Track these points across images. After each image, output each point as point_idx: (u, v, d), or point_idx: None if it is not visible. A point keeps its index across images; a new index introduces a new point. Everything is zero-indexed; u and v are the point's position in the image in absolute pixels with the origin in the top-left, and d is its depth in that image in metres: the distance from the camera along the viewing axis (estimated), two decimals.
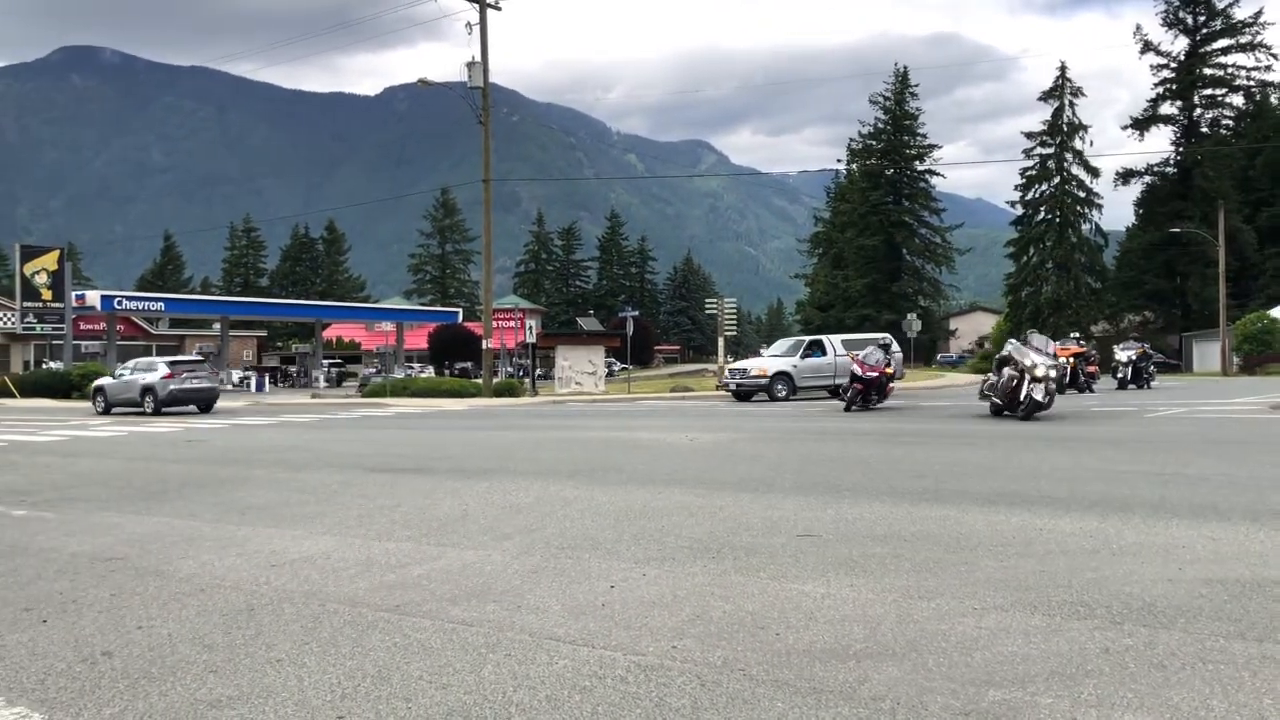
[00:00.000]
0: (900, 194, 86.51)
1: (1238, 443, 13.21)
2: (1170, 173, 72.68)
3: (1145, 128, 73.56)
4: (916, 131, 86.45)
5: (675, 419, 21.50)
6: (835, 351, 31.13)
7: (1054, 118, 73.64)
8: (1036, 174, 74.27)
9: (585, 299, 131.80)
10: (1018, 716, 3.45)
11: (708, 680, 3.94)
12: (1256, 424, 16.58)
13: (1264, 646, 4.16)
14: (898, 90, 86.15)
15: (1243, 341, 54.36)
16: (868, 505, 8.17)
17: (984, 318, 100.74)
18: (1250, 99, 75.84)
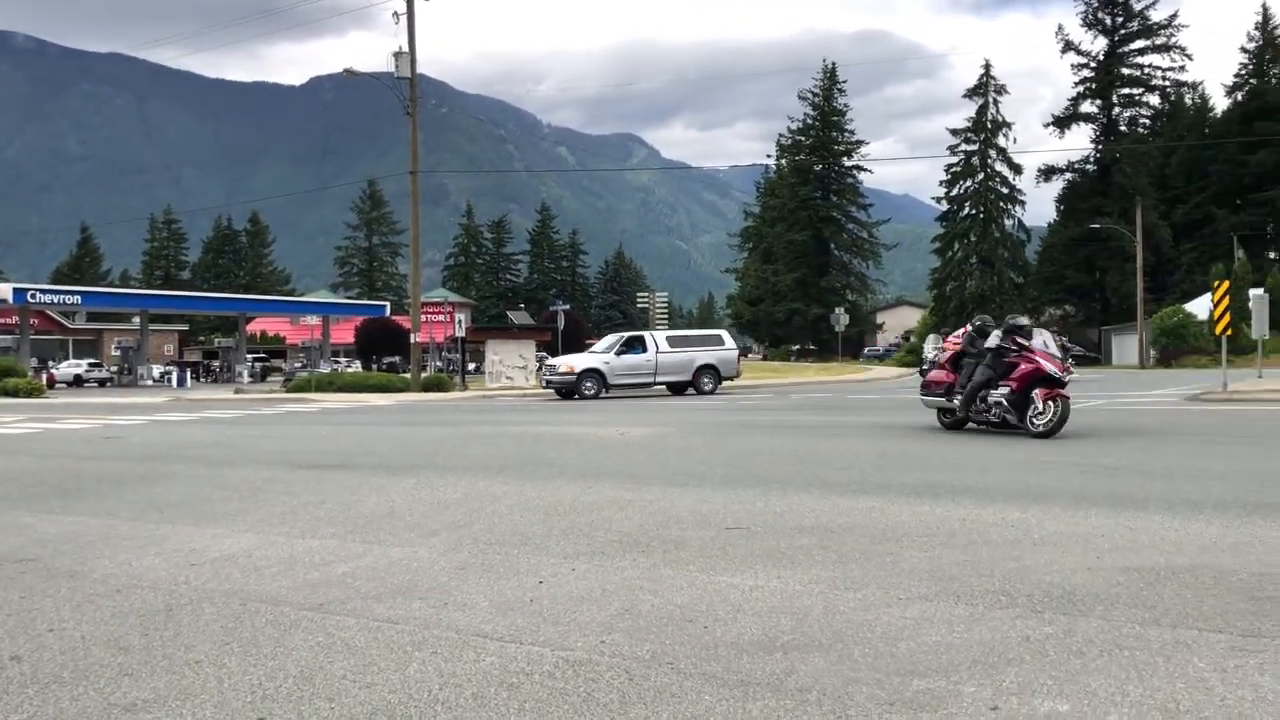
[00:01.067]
0: (829, 189, 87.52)
1: (1154, 434, 13.58)
2: (1090, 170, 74.55)
3: (1066, 125, 75.33)
4: (844, 128, 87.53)
5: (605, 413, 21.49)
6: (657, 348, 30.24)
7: (978, 115, 75.08)
8: (961, 170, 75.67)
9: (516, 293, 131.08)
10: (941, 706, 3.49)
11: (636, 674, 3.92)
12: (1172, 415, 17.07)
13: (1177, 633, 4.27)
14: (826, 87, 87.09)
15: (1159, 335, 55.93)
16: (796, 497, 8.24)
17: (910, 312, 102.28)
18: (1166, 99, 78.07)
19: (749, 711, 3.50)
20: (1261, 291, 26.92)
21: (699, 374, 29.50)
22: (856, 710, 3.48)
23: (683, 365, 29.72)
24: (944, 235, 77.19)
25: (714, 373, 29.67)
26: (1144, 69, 74.53)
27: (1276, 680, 3.65)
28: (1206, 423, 15.37)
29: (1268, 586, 4.96)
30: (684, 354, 29.97)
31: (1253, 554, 5.71)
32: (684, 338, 31.58)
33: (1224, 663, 3.86)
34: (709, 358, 29.98)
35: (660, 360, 29.77)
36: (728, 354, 30.20)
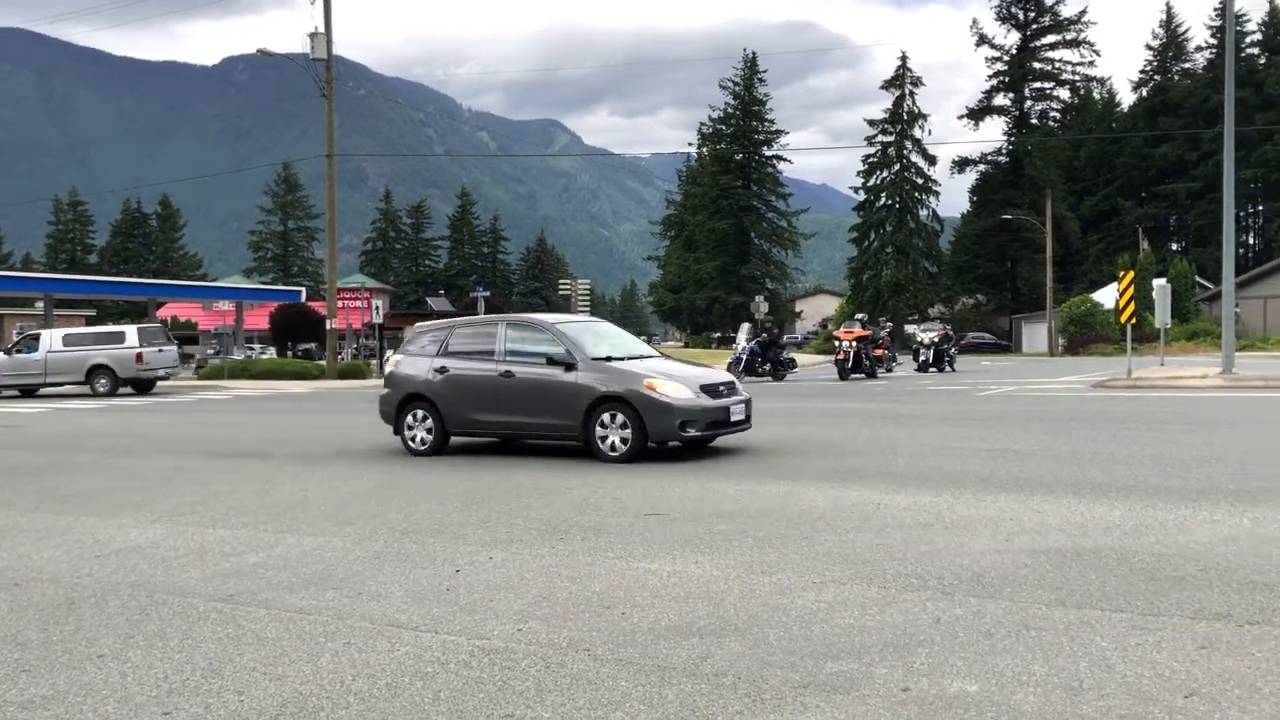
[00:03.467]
0: (749, 178, 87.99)
1: (1062, 419, 13.94)
2: (1002, 162, 76.04)
3: (980, 118, 76.72)
4: (765, 117, 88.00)
5: None
6: (49, 348, 28.03)
7: (895, 107, 76.04)
8: (878, 161, 76.59)
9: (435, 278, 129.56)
10: (854, 687, 3.54)
11: (553, 662, 3.91)
12: (1079, 402, 17.53)
13: (1082, 613, 4.39)
14: (747, 76, 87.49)
15: (1068, 323, 57.40)
16: (714, 483, 8.29)
17: (827, 300, 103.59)
18: (1075, 93, 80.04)
19: (665, 696, 3.51)
20: (1164, 282, 27.75)
21: (91, 375, 27.56)
22: (771, 693, 3.51)
23: (75, 365, 27.75)
24: (861, 225, 78.10)
25: (110, 374, 27.49)
26: (1055, 63, 76.20)
27: (1173, 657, 3.78)
28: (1111, 409, 15.84)
29: (1166, 567, 5.12)
30: (77, 353, 27.92)
31: (1153, 536, 5.90)
32: (82, 336, 29.31)
33: (1125, 641, 3.98)
34: (102, 357, 27.71)
35: (50, 359, 27.78)
36: (123, 353, 28.00)
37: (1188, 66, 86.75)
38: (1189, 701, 3.34)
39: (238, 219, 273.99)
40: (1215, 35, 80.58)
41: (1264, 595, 4.57)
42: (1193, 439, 10.99)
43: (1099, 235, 79.93)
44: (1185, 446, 10.26)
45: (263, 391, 28.75)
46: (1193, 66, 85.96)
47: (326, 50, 34.88)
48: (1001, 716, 3.25)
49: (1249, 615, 4.29)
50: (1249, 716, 3.21)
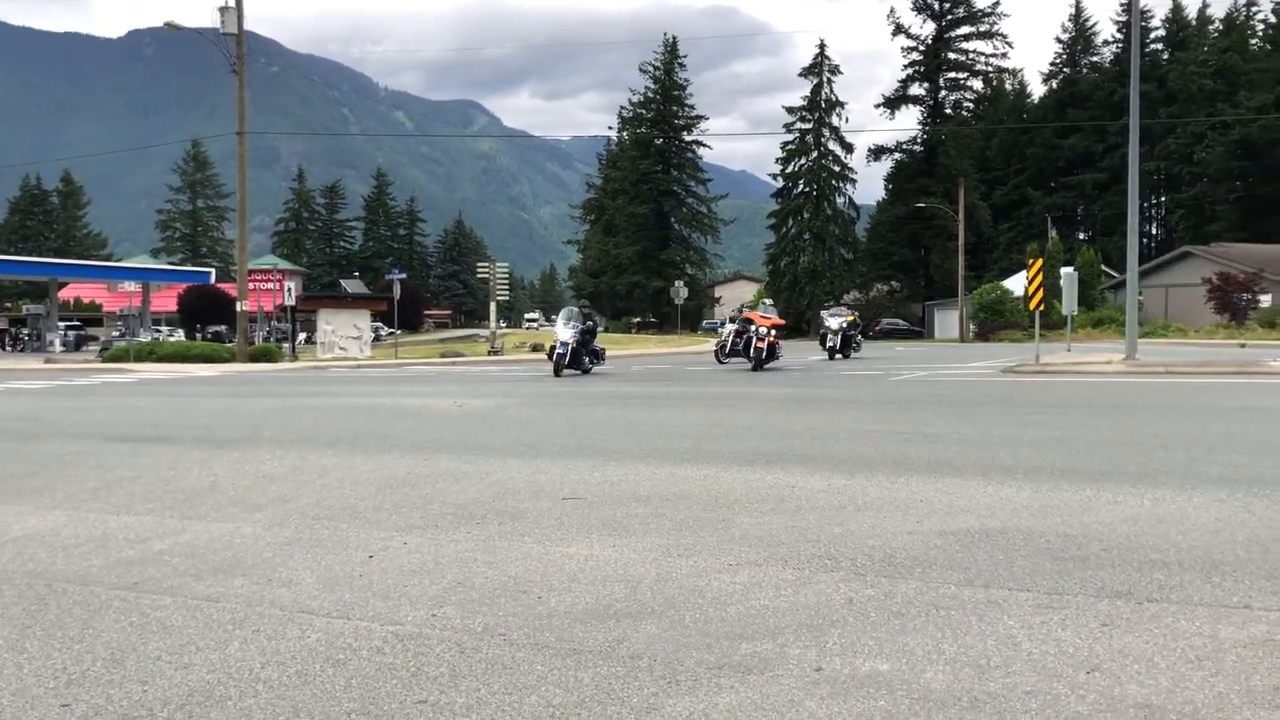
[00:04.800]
0: (669, 164, 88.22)
1: (971, 403, 14.25)
2: (917, 150, 77.41)
3: (896, 107, 78.00)
4: (685, 102, 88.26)
5: (444, 384, 21.18)
6: None
7: (813, 94, 76.86)
8: (796, 148, 77.40)
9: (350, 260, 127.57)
10: (768, 668, 3.57)
11: (467, 647, 3.88)
12: (989, 386, 17.95)
13: (989, 592, 4.48)
14: (667, 61, 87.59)
15: (979, 310, 58.71)
16: (633, 467, 8.29)
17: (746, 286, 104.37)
18: (988, 84, 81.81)
19: (580, 680, 3.50)
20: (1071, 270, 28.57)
21: None
22: (686, 674, 3.52)
23: None
24: (779, 212, 78.89)
25: None
26: (969, 54, 77.75)
27: (1077, 634, 3.88)
28: (1020, 394, 16.25)
29: (1071, 547, 5.26)
30: None
31: (1058, 516, 6.05)
32: None
33: (1031, 620, 4.08)
34: None
35: None
36: None
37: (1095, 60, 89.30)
38: (1091, 677, 3.43)
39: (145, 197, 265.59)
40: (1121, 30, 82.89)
41: (1162, 574, 4.73)
42: (1097, 423, 11.32)
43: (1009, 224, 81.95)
44: (1090, 430, 10.56)
45: (170, 375, 28.03)
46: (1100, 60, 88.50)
47: (237, 25, 34.01)
48: (911, 694, 3.30)
49: (1148, 593, 4.43)
50: (1146, 690, 3.31)
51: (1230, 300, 51.09)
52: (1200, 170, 78.26)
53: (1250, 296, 50.73)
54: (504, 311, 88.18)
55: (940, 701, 3.24)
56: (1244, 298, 50.72)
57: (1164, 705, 3.18)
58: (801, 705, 3.24)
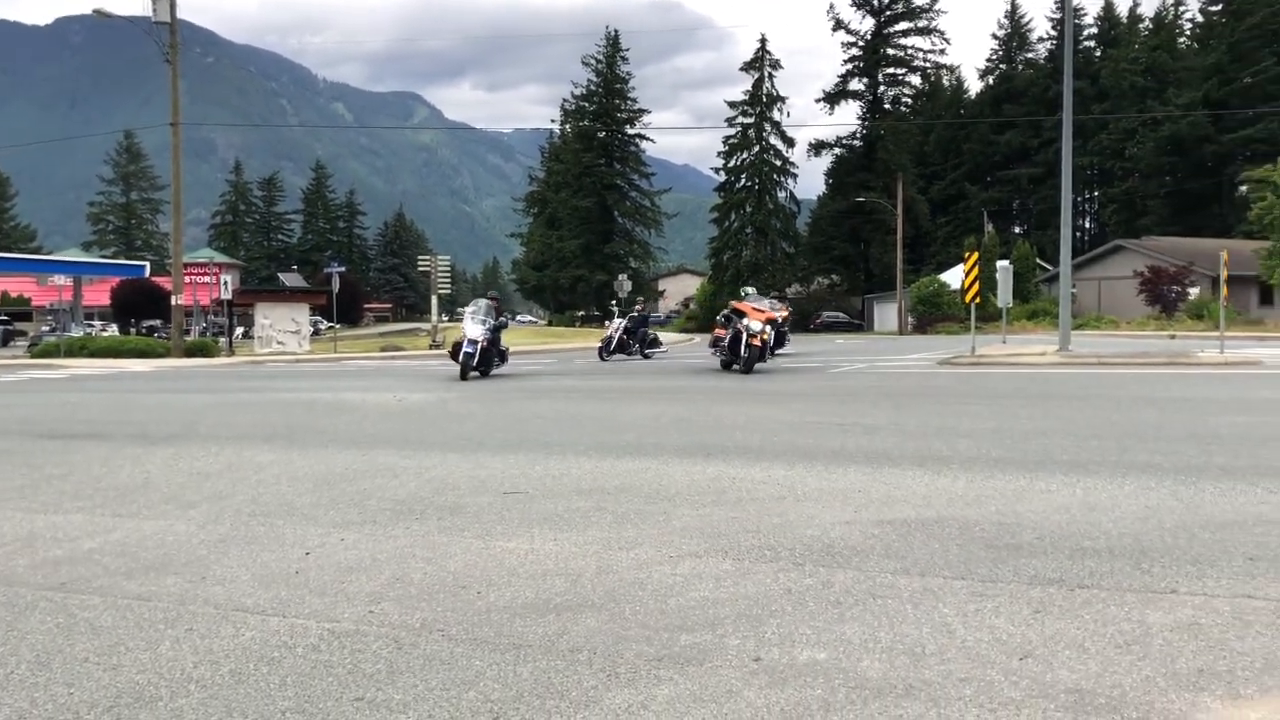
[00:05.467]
0: (612, 157, 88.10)
1: (909, 395, 14.42)
2: (857, 145, 78.07)
3: (836, 102, 78.59)
4: (628, 95, 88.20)
5: (384, 379, 20.97)
6: None
7: (754, 89, 77.16)
8: (738, 142, 77.67)
9: (289, 254, 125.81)
10: (707, 659, 3.58)
11: (405, 643, 3.84)
12: (926, 378, 18.18)
13: (925, 580, 4.54)
14: (609, 54, 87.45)
15: (917, 303, 59.46)
16: (574, 460, 8.28)
17: (690, 279, 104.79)
18: (926, 79, 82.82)
19: (520, 674, 3.49)
20: (1007, 263, 29.01)
21: None
22: (626, 667, 3.52)
23: None
24: (721, 205, 79.14)
25: None
26: (907, 50, 78.53)
27: (1010, 621, 3.95)
28: (956, 385, 16.48)
29: (1005, 536, 5.35)
30: None
31: (993, 505, 6.15)
32: None
33: (965, 607, 4.14)
34: None
35: None
36: None
37: (1031, 57, 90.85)
38: (1024, 663, 3.49)
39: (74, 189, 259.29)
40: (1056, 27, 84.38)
41: (1093, 561, 4.82)
42: (1031, 413, 11.51)
43: (947, 218, 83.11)
44: (1024, 420, 10.75)
45: (102, 370, 27.43)
46: (1035, 57, 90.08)
47: (170, 13, 33.33)
48: (848, 682, 3.34)
49: (1079, 580, 4.51)
50: (1076, 674, 3.37)
51: (1160, 293, 52.27)
52: (1132, 165, 79.96)
53: (1180, 289, 51.95)
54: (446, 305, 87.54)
55: (876, 689, 3.28)
56: (1174, 290, 51.93)
57: (1093, 689, 3.25)
58: (740, 695, 3.26)
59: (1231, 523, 5.58)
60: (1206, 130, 72.75)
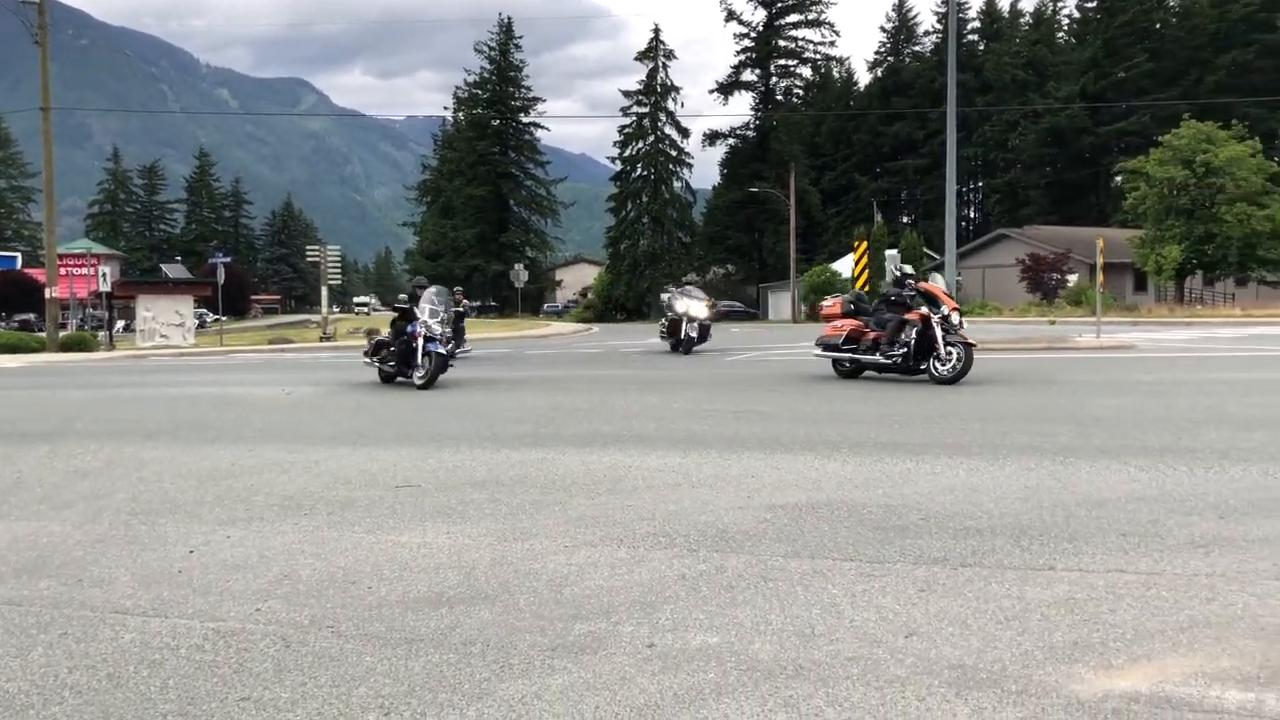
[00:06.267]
0: (507, 145, 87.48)
1: (802, 382, 14.65)
2: (750, 136, 78.93)
3: (729, 93, 79.31)
4: (521, 84, 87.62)
5: (273, 372, 20.47)
6: None
7: (649, 79, 77.30)
8: (633, 132, 77.77)
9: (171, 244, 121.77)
10: (601, 647, 3.59)
11: (293, 641, 3.76)
12: (818, 364, 18.49)
13: (815, 563, 4.63)
14: (502, 41, 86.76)
15: (810, 291, 60.42)
16: (469, 452, 8.20)
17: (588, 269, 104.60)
18: (817, 71, 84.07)
19: (411, 668, 3.45)
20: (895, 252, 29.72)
21: None
22: (520, 658, 3.51)
23: None
24: (618, 195, 79.19)
25: None
26: (798, 42, 79.59)
27: (896, 600, 4.05)
28: None
29: (892, 517, 5.48)
30: None
31: (880, 489, 6.30)
32: None
33: (854, 588, 4.23)
34: None
35: None
36: None
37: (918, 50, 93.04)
38: (909, 641, 3.58)
39: None
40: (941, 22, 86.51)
41: (975, 540, 4.97)
42: (917, 398, 11.81)
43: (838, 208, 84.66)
44: (911, 405, 11.02)
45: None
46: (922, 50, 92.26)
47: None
48: (740, 665, 3.38)
49: (962, 558, 4.65)
50: (960, 651, 3.47)
51: (1041, 280, 54.14)
52: (1014, 157, 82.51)
53: (1059, 276, 53.87)
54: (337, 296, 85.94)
55: (767, 671, 3.33)
56: (1053, 277, 53.83)
57: (975, 665, 3.35)
58: (633, 682, 3.27)
59: (1106, 500, 5.81)
60: (1084, 123, 75.49)
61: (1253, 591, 4.06)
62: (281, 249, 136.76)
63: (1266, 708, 2.97)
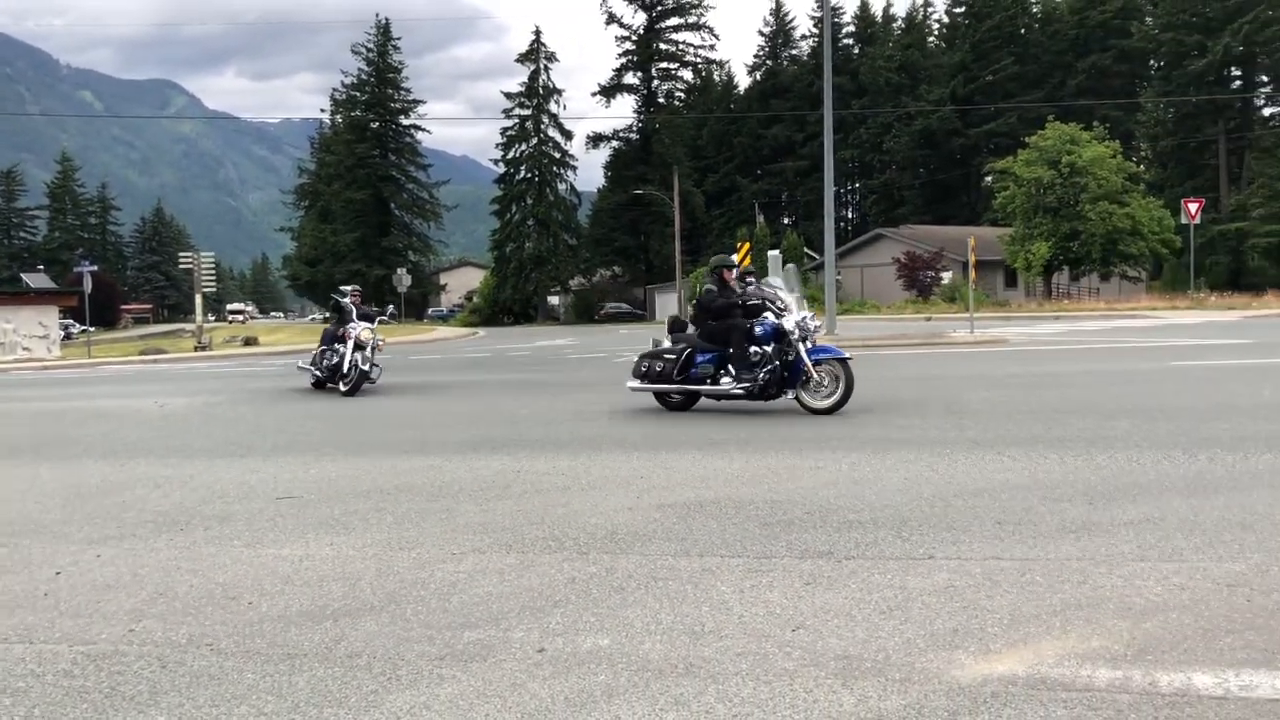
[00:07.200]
0: (387, 148, 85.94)
1: None
2: (634, 139, 79.14)
3: (612, 95, 79.37)
4: (401, 85, 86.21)
5: (144, 384, 19.72)
6: None
7: (531, 81, 76.92)
8: (516, 134, 77.28)
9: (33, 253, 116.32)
10: (491, 654, 3.55)
11: (170, 661, 3.62)
12: None
13: (704, 561, 4.67)
14: (380, 42, 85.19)
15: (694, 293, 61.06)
16: (353, 462, 8.04)
17: (473, 272, 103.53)
18: (698, 74, 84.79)
19: (295, 684, 3.36)
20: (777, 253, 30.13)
21: None
22: (407, 668, 3.45)
23: None
24: (502, 197, 78.55)
25: None
26: (679, 45, 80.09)
27: (783, 595, 4.10)
28: None
29: (778, 513, 5.56)
30: None
31: (766, 485, 6.39)
32: None
33: (742, 584, 4.28)
34: None
35: None
36: None
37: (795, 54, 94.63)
38: (796, 634, 3.64)
39: None
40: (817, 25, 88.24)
41: (859, 532, 5.08)
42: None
43: (721, 210, 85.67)
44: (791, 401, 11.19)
45: None
46: (799, 54, 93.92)
47: None
48: (631, 666, 3.38)
49: (847, 551, 4.75)
50: (845, 641, 3.54)
51: (917, 278, 55.68)
52: (889, 158, 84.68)
53: (934, 274, 55.48)
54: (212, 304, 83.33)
55: (658, 670, 3.34)
56: (928, 275, 55.41)
57: (860, 655, 3.42)
58: (524, 687, 3.25)
59: (982, 490, 6.00)
60: (955, 125, 77.91)
61: (1120, 573, 4.24)
62: (153, 256, 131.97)
63: (1133, 683, 3.11)
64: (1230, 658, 3.29)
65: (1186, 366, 14.84)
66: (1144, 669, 3.21)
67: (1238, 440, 7.46)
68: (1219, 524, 5.01)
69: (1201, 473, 6.36)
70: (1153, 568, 4.31)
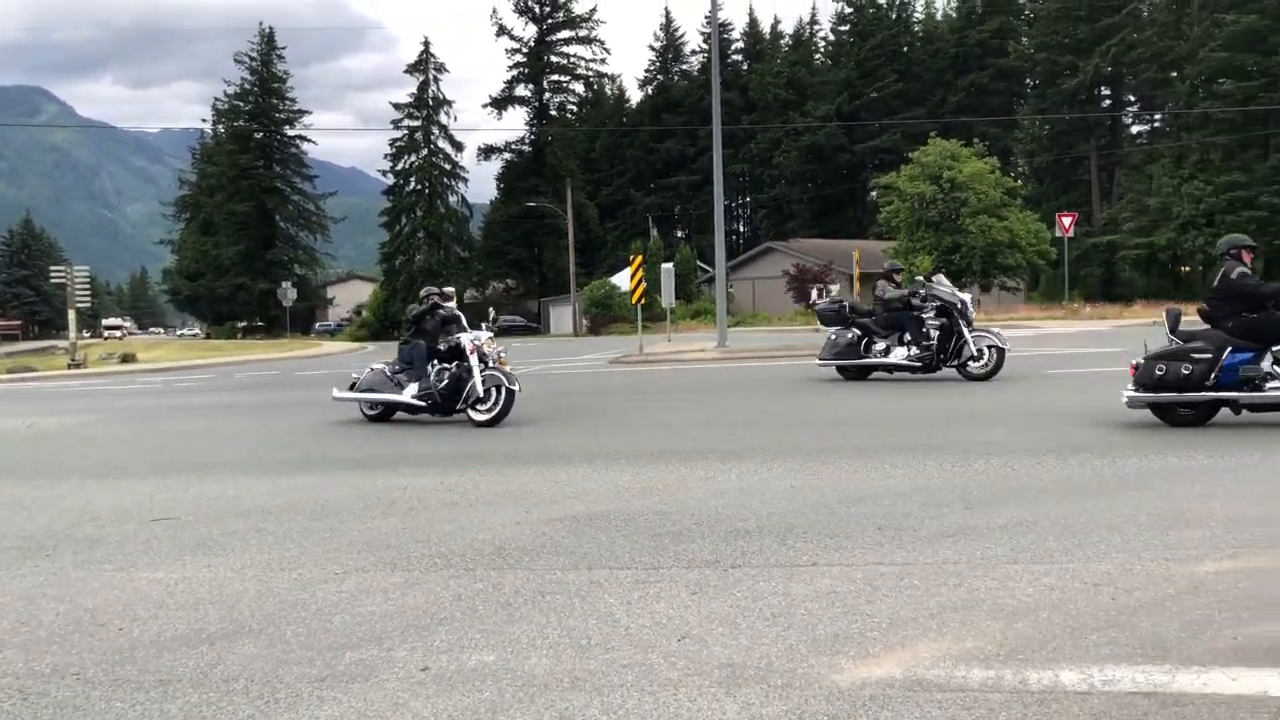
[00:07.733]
0: (271, 159, 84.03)
1: (582, 394, 14.78)
2: (526, 151, 78.91)
3: (503, 107, 79.03)
4: (286, 95, 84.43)
5: (12, 403, 18.86)
6: None
7: (420, 92, 76.11)
8: (405, 145, 76.34)
9: None
10: (373, 674, 3.49)
11: (31, 692, 3.46)
12: (598, 377, 18.71)
13: (592, 574, 4.66)
14: (264, 51, 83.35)
15: (590, 305, 61.02)
16: (233, 481, 7.82)
17: (362, 286, 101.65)
18: (590, 87, 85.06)
19: (167, 711, 3.24)
20: (670, 266, 30.43)
21: None
22: (286, 691, 3.37)
23: None
24: (391, 209, 77.42)
25: None
26: (570, 58, 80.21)
27: (670, 605, 4.13)
28: (625, 382, 17.08)
29: (667, 524, 5.59)
30: None
31: (656, 496, 6.42)
32: None
33: (629, 595, 4.29)
34: None
35: None
36: None
37: (686, 69, 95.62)
38: (682, 644, 3.66)
39: None
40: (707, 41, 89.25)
41: (744, 541, 5.14)
42: (694, 406, 12.14)
43: (615, 223, 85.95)
44: (687, 413, 11.30)
45: None
46: (690, 69, 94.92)
47: None
48: (516, 682, 3.36)
49: (732, 560, 4.80)
50: (729, 650, 3.58)
51: (806, 290, 56.72)
52: (778, 173, 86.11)
53: (822, 286, 56.59)
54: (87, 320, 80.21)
55: (543, 685, 3.32)
56: (817, 288, 56.51)
57: (744, 662, 3.46)
58: (407, 707, 3.19)
59: (865, 497, 6.14)
60: (841, 140, 79.68)
61: (994, 576, 4.38)
62: (22, 270, 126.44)
63: (1004, 682, 3.21)
64: (1095, 654, 3.42)
65: (1061, 375, 15.42)
66: (1015, 668, 3.32)
67: (1107, 446, 7.77)
68: (1088, 526, 5.21)
69: (1072, 477, 6.61)
70: (1025, 569, 4.46)
